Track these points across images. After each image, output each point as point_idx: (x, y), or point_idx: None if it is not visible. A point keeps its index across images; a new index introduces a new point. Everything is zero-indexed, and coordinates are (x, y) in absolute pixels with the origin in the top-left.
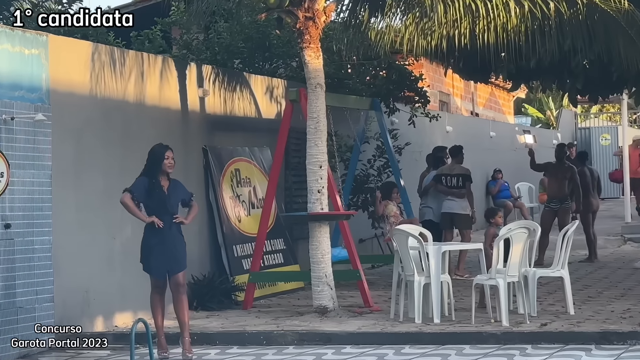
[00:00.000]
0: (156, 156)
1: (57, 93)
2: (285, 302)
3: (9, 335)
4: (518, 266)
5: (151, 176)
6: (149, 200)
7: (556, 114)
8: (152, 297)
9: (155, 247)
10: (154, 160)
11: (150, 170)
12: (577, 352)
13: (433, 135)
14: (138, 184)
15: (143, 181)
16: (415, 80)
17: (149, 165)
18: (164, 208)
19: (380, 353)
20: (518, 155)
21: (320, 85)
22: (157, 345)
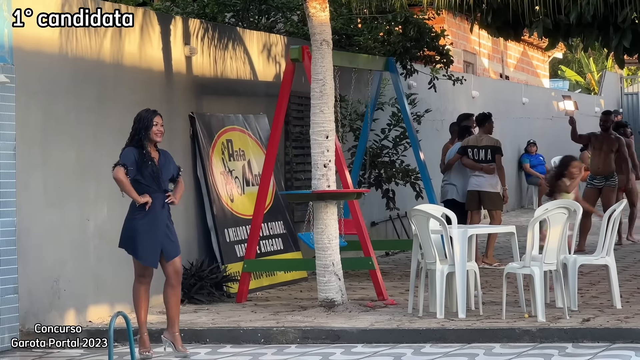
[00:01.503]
0: (143, 123)
1: (21, 51)
2: (286, 295)
3: None
4: (556, 252)
5: (140, 146)
6: (140, 175)
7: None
8: (137, 288)
9: (146, 229)
10: (140, 128)
11: (137, 140)
12: (626, 351)
13: (457, 100)
14: (128, 155)
15: (132, 152)
16: (436, 37)
17: (134, 133)
18: (157, 184)
19: (396, 353)
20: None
21: (327, 41)
22: (139, 343)
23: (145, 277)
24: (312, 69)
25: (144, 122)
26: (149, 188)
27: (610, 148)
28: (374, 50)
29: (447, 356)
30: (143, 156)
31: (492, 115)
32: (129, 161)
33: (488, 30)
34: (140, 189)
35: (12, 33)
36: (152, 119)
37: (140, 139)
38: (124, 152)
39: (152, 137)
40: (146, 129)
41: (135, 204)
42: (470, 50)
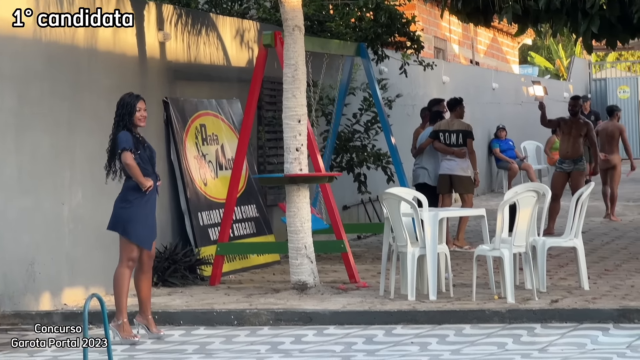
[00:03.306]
0: (126, 108)
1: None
2: (259, 278)
3: None
4: (525, 235)
5: (130, 131)
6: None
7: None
8: (124, 273)
9: (145, 212)
10: (124, 113)
11: (124, 124)
12: (593, 331)
13: (427, 86)
14: (127, 138)
15: (128, 135)
16: (407, 23)
17: (119, 119)
18: (152, 168)
19: (368, 334)
20: (524, 109)
21: (299, 27)
22: (123, 330)
23: (134, 261)
24: (284, 54)
25: (127, 108)
26: (145, 171)
27: (578, 132)
28: (346, 36)
29: (418, 337)
30: (137, 139)
31: (463, 100)
32: (132, 145)
33: (458, 16)
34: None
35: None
36: (136, 105)
37: (125, 125)
38: (120, 136)
39: (135, 122)
40: (129, 114)
41: (132, 188)
42: (440, 37)
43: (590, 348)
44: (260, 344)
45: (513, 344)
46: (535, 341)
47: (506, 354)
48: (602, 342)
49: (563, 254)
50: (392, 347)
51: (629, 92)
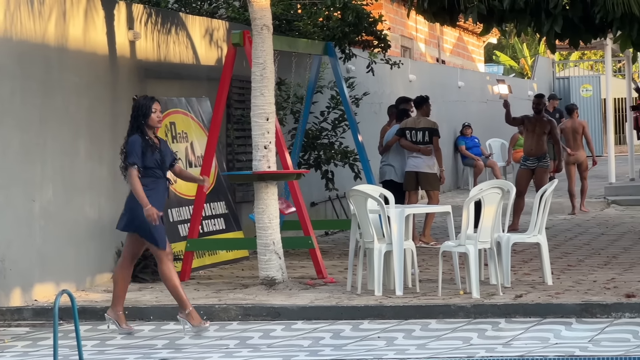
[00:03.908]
0: (141, 110)
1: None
2: (228, 273)
3: None
4: (490, 231)
5: (142, 133)
6: (147, 162)
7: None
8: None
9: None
10: (139, 115)
11: (138, 127)
12: (556, 326)
13: (394, 84)
14: (135, 146)
15: (138, 142)
16: (374, 22)
17: (134, 121)
18: (162, 170)
19: (335, 329)
20: (489, 107)
21: (267, 26)
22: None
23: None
24: (252, 53)
25: (142, 110)
26: (155, 173)
27: (542, 130)
28: (314, 35)
29: (385, 332)
30: (147, 143)
31: (429, 98)
32: (137, 156)
33: (424, 15)
34: (147, 173)
35: None
36: (151, 106)
37: (140, 126)
38: (130, 143)
39: (151, 124)
40: (145, 116)
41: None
42: (407, 35)
43: (553, 342)
44: (229, 338)
45: (478, 338)
46: (499, 335)
47: (471, 348)
48: (564, 337)
49: (527, 249)
50: (359, 341)
51: (592, 90)
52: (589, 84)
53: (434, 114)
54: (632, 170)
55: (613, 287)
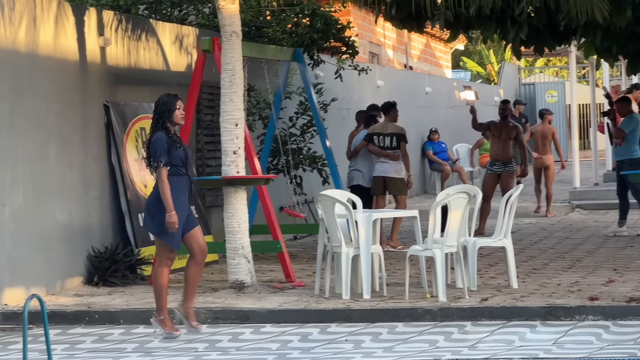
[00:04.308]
0: (166, 106)
1: None
2: None
3: None
4: (456, 235)
5: (167, 130)
6: (170, 160)
7: (498, 68)
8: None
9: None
10: (163, 111)
11: (162, 124)
12: (521, 328)
13: (362, 90)
14: (161, 144)
15: (164, 139)
16: (342, 28)
17: (158, 117)
18: (185, 167)
19: (304, 332)
20: (456, 113)
21: (236, 33)
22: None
23: (172, 260)
24: (222, 59)
25: (167, 106)
26: (179, 170)
27: (508, 135)
28: (283, 42)
29: (352, 335)
30: (172, 139)
31: (397, 104)
32: (165, 154)
33: (392, 22)
34: (173, 171)
35: None
36: (175, 103)
37: (164, 123)
38: (155, 141)
39: (175, 121)
40: (170, 112)
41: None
42: (375, 42)
43: (517, 345)
44: (198, 342)
45: (444, 341)
46: (465, 338)
47: (437, 351)
48: (529, 339)
49: (493, 253)
50: (326, 344)
51: (557, 96)
52: (554, 90)
53: (401, 120)
54: (596, 175)
55: (577, 290)
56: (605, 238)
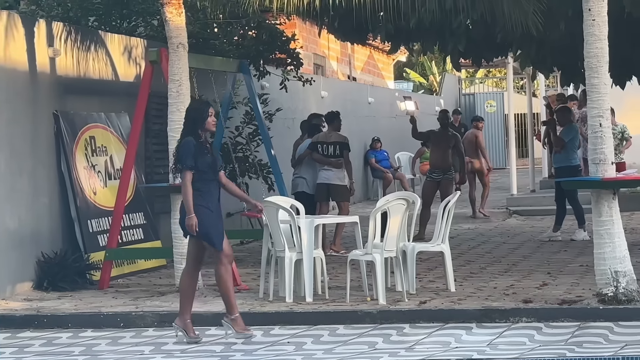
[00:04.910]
0: (198, 113)
1: None
2: (146, 282)
3: None
4: (396, 240)
5: (197, 137)
6: (199, 164)
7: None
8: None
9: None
10: (196, 119)
11: (193, 130)
12: (457, 330)
13: (307, 100)
14: (189, 149)
15: (192, 144)
16: (287, 41)
17: (191, 124)
18: (214, 172)
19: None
20: (398, 122)
21: (183, 45)
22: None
23: (229, 257)
24: (169, 70)
25: (200, 113)
26: (207, 176)
27: (447, 144)
28: (229, 53)
29: (295, 337)
30: (201, 146)
31: (340, 114)
32: (192, 159)
33: (335, 34)
34: (200, 177)
35: None
36: (207, 110)
37: (194, 130)
38: (183, 145)
39: (207, 128)
40: (203, 119)
41: (197, 196)
42: (320, 53)
43: (453, 346)
44: (144, 345)
45: (383, 343)
46: (403, 340)
47: (375, 352)
48: (465, 341)
49: (432, 258)
50: (269, 347)
51: (496, 106)
52: (492, 100)
53: (345, 129)
54: (532, 182)
55: (512, 293)
56: (540, 243)
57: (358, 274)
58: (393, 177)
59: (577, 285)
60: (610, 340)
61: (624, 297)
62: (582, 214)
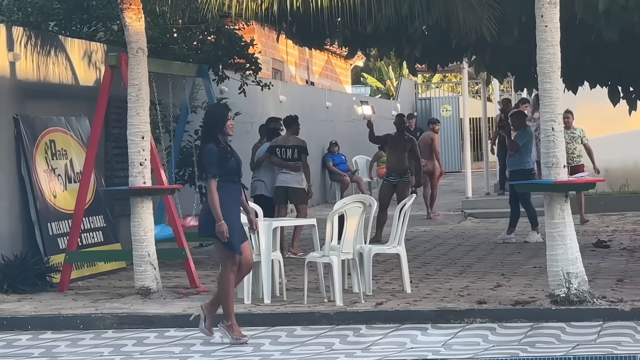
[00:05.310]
0: (218, 117)
1: None
2: (105, 284)
3: None
4: (353, 243)
5: (217, 142)
6: (221, 170)
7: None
8: (228, 277)
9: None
10: (216, 123)
11: (213, 134)
12: (413, 331)
13: (265, 104)
14: (212, 156)
15: (214, 150)
16: (246, 46)
17: (211, 128)
18: (238, 175)
19: (205, 336)
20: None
21: (142, 49)
22: (230, 331)
23: (237, 265)
24: (128, 74)
25: (220, 117)
26: (232, 179)
27: (404, 147)
28: (188, 58)
29: (253, 338)
30: (224, 150)
31: (298, 118)
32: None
33: (293, 39)
34: (224, 180)
35: None
36: (227, 114)
37: (215, 135)
38: (206, 153)
39: (227, 132)
40: (223, 123)
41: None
42: (278, 58)
43: (409, 347)
44: (104, 346)
45: (340, 344)
46: (360, 341)
47: (332, 353)
48: (420, 341)
49: (388, 260)
50: (227, 347)
51: (451, 110)
52: (448, 105)
53: (303, 133)
54: (487, 185)
55: (467, 295)
56: (494, 245)
57: (316, 276)
58: (350, 180)
59: (530, 286)
60: (563, 340)
61: (576, 297)
62: (535, 216)
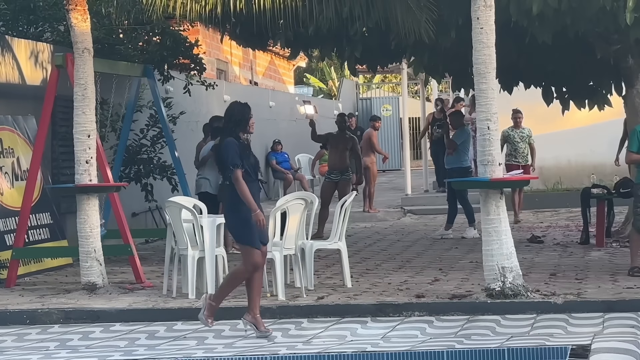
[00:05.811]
0: (242, 114)
1: None
2: (52, 280)
3: None
4: (295, 239)
5: (237, 138)
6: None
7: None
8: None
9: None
10: (240, 121)
11: (234, 131)
12: (353, 324)
13: (210, 104)
14: (234, 149)
15: (234, 143)
16: (191, 46)
17: (233, 125)
18: (256, 173)
19: (151, 330)
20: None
21: (88, 50)
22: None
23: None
24: (74, 74)
25: (243, 115)
26: (250, 177)
27: (345, 146)
28: (134, 59)
29: (197, 332)
30: (244, 147)
31: None
32: (238, 159)
33: (237, 40)
34: (243, 177)
35: None
36: (249, 112)
37: (235, 131)
38: (226, 146)
39: (248, 129)
40: (246, 121)
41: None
42: (222, 59)
43: (349, 339)
44: (50, 341)
45: (282, 337)
46: (301, 334)
47: (274, 346)
48: (360, 334)
49: (330, 255)
50: (172, 341)
51: (391, 110)
52: (388, 105)
53: None
54: (426, 183)
55: (405, 289)
56: (433, 240)
57: None
58: (293, 178)
59: (467, 280)
60: (497, 332)
61: (511, 291)
62: (472, 212)
